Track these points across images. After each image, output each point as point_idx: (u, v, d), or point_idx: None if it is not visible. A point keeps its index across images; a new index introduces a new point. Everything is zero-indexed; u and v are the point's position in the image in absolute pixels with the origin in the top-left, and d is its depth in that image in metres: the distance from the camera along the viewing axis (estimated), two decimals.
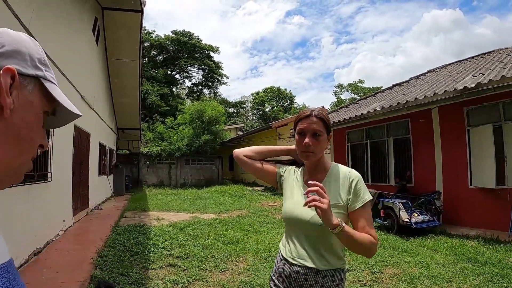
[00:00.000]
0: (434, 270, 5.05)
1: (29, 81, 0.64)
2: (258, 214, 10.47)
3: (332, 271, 1.64)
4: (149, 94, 32.28)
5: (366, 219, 1.65)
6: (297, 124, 1.75)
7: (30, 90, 0.64)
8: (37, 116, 0.66)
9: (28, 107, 0.63)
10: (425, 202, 8.38)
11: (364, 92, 43.34)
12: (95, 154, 11.28)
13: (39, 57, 0.67)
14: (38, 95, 0.66)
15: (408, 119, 9.96)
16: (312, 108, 1.76)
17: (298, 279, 1.65)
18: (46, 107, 0.68)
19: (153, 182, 22.18)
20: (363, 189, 1.66)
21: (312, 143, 1.65)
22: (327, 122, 1.70)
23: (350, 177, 1.68)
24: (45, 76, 0.67)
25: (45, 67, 0.68)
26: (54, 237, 6.44)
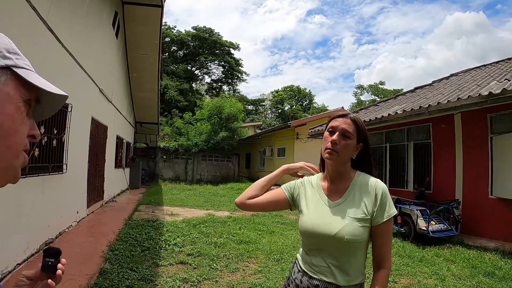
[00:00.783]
0: (450, 283, 4.84)
1: (1, 73, 0.62)
2: (273, 214, 10.33)
3: (353, 286, 1.54)
4: (168, 89, 32.50)
5: (386, 238, 1.57)
6: (330, 122, 1.66)
7: (4, 81, 0.62)
8: (16, 106, 0.64)
9: (5, 98, 0.62)
10: (443, 210, 8.10)
11: (385, 94, 42.79)
12: (112, 146, 11.35)
13: (6, 47, 0.65)
14: (13, 85, 0.64)
15: (430, 124, 9.66)
16: (350, 112, 1.70)
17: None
18: (26, 95, 0.66)
19: (169, 177, 22.31)
20: (389, 202, 1.55)
21: (340, 142, 1.56)
22: (361, 129, 1.62)
23: (376, 189, 1.57)
24: (16, 64, 0.65)
25: (15, 55, 0.66)
26: (67, 228, 6.46)
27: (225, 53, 43.08)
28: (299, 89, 53.39)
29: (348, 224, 1.50)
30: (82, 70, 6.90)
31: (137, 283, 4.17)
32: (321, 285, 1.54)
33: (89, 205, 8.21)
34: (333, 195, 1.64)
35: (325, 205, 1.62)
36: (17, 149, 0.65)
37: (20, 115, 0.65)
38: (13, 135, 0.63)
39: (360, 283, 1.57)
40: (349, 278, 1.52)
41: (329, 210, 1.59)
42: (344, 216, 1.53)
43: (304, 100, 53.75)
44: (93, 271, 4.42)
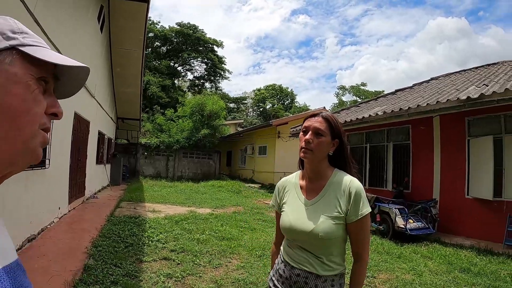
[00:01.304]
0: (427, 278, 5.05)
1: (6, 54, 0.61)
2: (254, 212, 10.45)
3: (332, 276, 1.64)
4: (150, 85, 32.21)
5: (362, 234, 1.65)
6: (304, 122, 1.75)
7: (9, 62, 0.61)
8: (25, 85, 0.62)
9: (12, 79, 0.60)
10: (421, 209, 8.38)
11: (366, 95, 43.40)
12: (94, 142, 11.25)
13: (10, 28, 0.64)
14: (21, 64, 0.62)
15: (409, 126, 9.95)
16: (322, 110, 1.77)
17: (298, 281, 1.65)
18: (36, 73, 0.64)
19: (150, 173, 22.15)
20: (363, 201, 1.62)
21: (313, 141, 1.64)
22: (334, 126, 1.68)
23: (350, 187, 1.64)
24: (22, 42, 0.63)
25: (22, 34, 0.65)
26: (49, 224, 6.42)
27: (209, 50, 42.92)
28: (281, 88, 53.57)
29: (322, 222, 1.60)
30: None
31: (121, 278, 4.20)
32: (302, 274, 1.65)
33: (70, 201, 8.14)
34: (310, 193, 1.72)
35: (302, 204, 1.72)
36: (30, 129, 0.62)
37: (30, 93, 0.62)
38: (24, 115, 0.61)
39: (340, 273, 1.68)
40: (328, 269, 1.63)
41: (305, 208, 1.69)
42: (319, 214, 1.63)
43: (286, 99, 53.98)
44: (77, 267, 4.42)
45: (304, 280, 1.63)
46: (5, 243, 0.61)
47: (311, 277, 1.62)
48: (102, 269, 4.40)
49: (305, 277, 1.63)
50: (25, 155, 0.63)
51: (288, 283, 1.69)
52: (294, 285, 1.66)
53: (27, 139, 0.62)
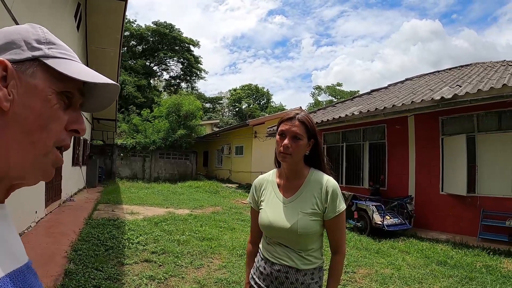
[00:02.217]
0: (405, 271, 5.24)
1: (28, 65, 0.60)
2: (233, 211, 10.51)
3: (312, 269, 1.72)
4: (126, 85, 31.65)
5: (339, 229, 1.75)
6: (280, 124, 1.78)
7: (31, 74, 0.59)
8: (45, 99, 0.60)
9: (32, 92, 0.59)
10: (397, 205, 8.63)
11: (342, 95, 43.99)
12: None
13: (37, 38, 0.63)
14: (43, 77, 0.60)
15: (385, 125, 10.22)
16: (297, 111, 1.78)
17: (279, 277, 1.71)
18: (59, 87, 0.62)
19: (127, 175, 21.83)
20: (339, 198, 1.71)
21: (291, 145, 1.68)
22: (310, 127, 1.73)
23: (327, 186, 1.71)
24: (46, 54, 0.62)
25: (48, 45, 0.63)
26: (26, 228, 6.28)
27: (185, 49, 42.53)
28: (257, 88, 53.62)
29: (300, 219, 1.66)
30: None
31: (104, 282, 4.18)
32: (282, 269, 1.71)
33: (47, 205, 7.96)
34: (288, 191, 1.78)
35: (280, 202, 1.78)
36: (44, 145, 0.61)
37: (49, 109, 0.60)
38: (38, 130, 0.59)
39: (319, 266, 1.77)
40: (308, 263, 1.71)
41: (283, 206, 1.76)
42: (297, 211, 1.69)
43: (261, 99, 54.06)
44: (58, 272, 4.37)
45: (285, 275, 1.70)
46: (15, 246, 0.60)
47: (291, 272, 1.69)
48: (83, 273, 4.36)
49: (285, 272, 1.70)
50: (36, 171, 0.62)
51: (269, 279, 1.75)
52: (275, 280, 1.72)
53: (39, 156, 0.61)
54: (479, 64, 11.87)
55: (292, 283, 1.69)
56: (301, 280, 1.68)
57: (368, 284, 4.71)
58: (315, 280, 1.72)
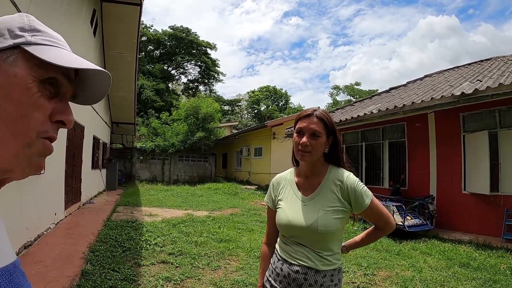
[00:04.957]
0: (426, 274, 5.05)
1: (9, 53, 0.57)
2: (251, 213, 10.44)
3: (332, 270, 1.64)
4: (144, 89, 32.11)
5: (376, 213, 1.71)
6: (297, 122, 1.72)
7: (11, 62, 0.57)
8: (25, 87, 0.57)
9: (11, 80, 0.56)
10: (418, 205, 8.41)
11: (360, 94, 43.54)
12: (89, 147, 11.19)
13: (21, 25, 0.60)
14: (23, 64, 0.57)
15: (404, 123, 9.98)
16: (315, 108, 1.72)
17: (297, 278, 1.63)
18: (42, 74, 0.59)
19: (146, 178, 22.07)
20: (363, 190, 1.65)
21: (310, 143, 1.62)
22: (328, 124, 1.66)
23: (348, 183, 1.65)
24: (28, 41, 0.59)
25: (31, 32, 0.60)
26: (45, 230, 6.36)
27: (202, 53, 42.86)
28: (275, 89, 53.58)
29: (321, 217, 1.60)
30: None
31: (120, 283, 4.17)
32: (301, 270, 1.63)
33: (66, 207, 8.08)
34: (307, 190, 1.72)
35: (299, 200, 1.71)
36: (25, 136, 0.57)
37: (30, 97, 0.57)
38: (18, 120, 0.56)
39: (339, 268, 1.69)
40: (328, 263, 1.63)
41: (302, 204, 1.69)
42: (317, 209, 1.63)
43: (280, 101, 53.99)
44: (75, 272, 4.39)
45: (304, 276, 1.62)
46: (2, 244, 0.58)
47: (310, 273, 1.61)
48: (100, 274, 4.36)
49: (304, 273, 1.62)
50: (21, 163, 0.58)
51: (286, 281, 1.67)
52: (293, 282, 1.64)
53: (22, 147, 0.57)
54: (499, 58, 11.49)
55: (311, 284, 1.61)
56: (320, 282, 1.60)
57: (389, 287, 4.56)
58: (334, 282, 1.64)
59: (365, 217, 1.72)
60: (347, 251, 1.94)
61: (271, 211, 1.89)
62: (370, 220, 1.75)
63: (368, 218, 1.73)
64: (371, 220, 1.75)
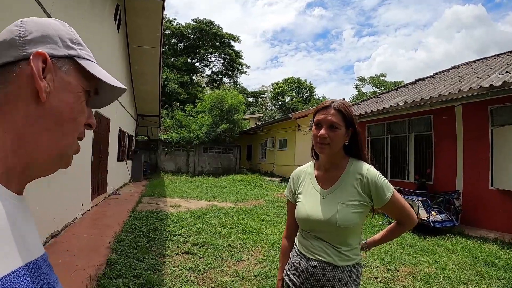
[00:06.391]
0: (450, 271, 4.89)
1: (63, 62, 0.64)
2: (275, 205, 10.40)
3: (350, 266, 1.61)
4: (169, 82, 32.44)
5: (397, 208, 1.65)
6: (315, 115, 1.68)
7: (66, 70, 0.64)
8: (76, 95, 0.65)
9: (65, 88, 0.63)
10: (444, 201, 8.14)
11: (385, 86, 42.62)
12: (115, 139, 11.38)
13: (70, 37, 0.67)
14: (75, 75, 0.65)
15: (431, 116, 9.64)
16: (333, 100, 1.68)
17: (315, 273, 1.61)
18: (86, 86, 0.68)
19: (171, 169, 22.38)
20: (383, 186, 1.59)
21: (328, 135, 1.58)
22: (347, 115, 1.61)
23: (369, 176, 1.60)
24: (79, 54, 0.67)
25: (78, 46, 0.68)
26: (72, 220, 6.52)
27: (226, 45, 42.92)
28: (300, 81, 53.15)
29: (340, 211, 1.57)
30: None
31: (144, 272, 4.22)
32: (319, 265, 1.61)
33: (93, 198, 8.27)
34: (326, 183, 1.69)
35: (318, 193, 1.68)
36: (72, 136, 0.66)
37: (79, 104, 0.66)
38: (70, 123, 0.64)
39: (358, 263, 1.65)
40: (346, 258, 1.60)
41: (322, 198, 1.66)
42: (336, 203, 1.60)
43: (304, 92, 53.55)
44: (101, 262, 4.48)
45: (321, 271, 1.60)
46: (31, 237, 0.61)
47: (328, 268, 1.59)
48: (125, 264, 4.43)
49: (322, 268, 1.60)
50: (61, 160, 0.66)
51: (304, 275, 1.65)
52: (311, 277, 1.62)
53: (67, 146, 0.66)
54: None
55: (329, 280, 1.58)
56: (338, 277, 1.58)
57: (411, 283, 4.43)
58: (352, 278, 1.61)
59: (386, 211, 1.67)
60: (368, 249, 1.89)
61: (291, 204, 1.87)
62: (391, 215, 1.71)
63: (389, 212, 1.69)
64: (393, 215, 1.71)
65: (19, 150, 0.59)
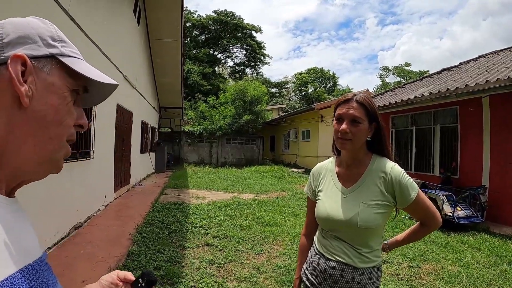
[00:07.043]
0: (473, 270, 4.68)
1: (45, 62, 0.61)
2: (298, 197, 10.32)
3: (370, 268, 1.54)
4: (191, 74, 32.59)
5: (421, 209, 1.56)
6: (336, 108, 1.60)
7: (48, 71, 0.61)
8: (61, 96, 0.62)
9: (49, 89, 0.60)
10: (469, 196, 7.83)
11: (410, 75, 41.50)
12: (137, 132, 11.52)
13: (51, 34, 0.63)
14: (58, 74, 0.62)
15: (457, 107, 9.26)
16: (355, 93, 1.59)
17: (333, 274, 1.55)
18: (72, 85, 0.64)
19: (194, 160, 22.55)
20: (408, 185, 1.51)
21: (350, 130, 1.50)
22: (370, 109, 1.53)
23: (393, 175, 1.52)
24: (62, 52, 0.63)
25: (61, 43, 0.65)
26: (95, 212, 6.64)
27: (247, 36, 42.70)
28: (323, 71, 52.47)
29: (362, 211, 1.50)
30: (106, 58, 6.96)
31: (164, 264, 4.24)
32: (338, 266, 1.55)
33: (116, 190, 8.40)
34: (348, 181, 1.62)
35: (339, 192, 1.61)
36: (59, 140, 0.63)
37: (65, 105, 0.63)
38: (56, 126, 0.61)
39: (378, 265, 1.58)
40: (367, 260, 1.53)
41: (343, 196, 1.58)
42: (358, 202, 1.52)
43: (327, 82, 52.85)
44: (122, 253, 4.53)
45: (340, 272, 1.53)
46: (27, 240, 0.60)
47: (347, 270, 1.52)
48: (145, 255, 4.47)
49: (341, 270, 1.53)
50: (49, 165, 0.64)
51: (322, 276, 1.59)
52: (329, 278, 1.56)
53: (55, 150, 0.63)
54: None
55: (348, 282, 1.52)
56: (358, 279, 1.52)
57: (433, 281, 4.27)
58: (372, 280, 1.54)
59: (410, 212, 1.60)
60: (389, 249, 1.81)
61: (311, 201, 1.80)
62: (415, 216, 1.63)
63: (413, 213, 1.60)
64: (416, 216, 1.63)
65: (2, 158, 0.57)
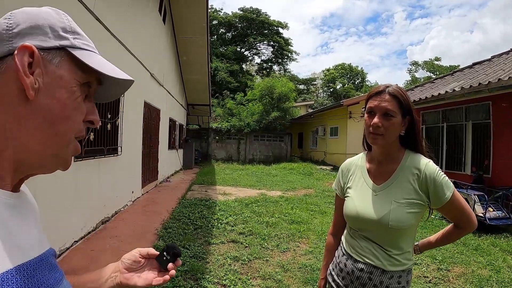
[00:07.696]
0: (505, 275, 4.41)
1: (54, 54, 0.58)
2: (325, 194, 10.15)
3: (400, 272, 1.43)
4: (218, 71, 32.73)
5: (456, 210, 1.47)
6: (368, 101, 1.51)
7: (57, 63, 0.58)
8: (70, 91, 0.59)
9: (57, 83, 0.58)
10: (502, 196, 7.43)
11: (440, 70, 40.29)
12: (165, 129, 11.65)
13: (63, 25, 0.61)
14: (68, 67, 0.60)
15: (489, 102, 8.80)
16: (387, 84, 1.50)
17: (361, 277, 1.46)
18: (83, 78, 0.62)
19: (222, 157, 22.66)
20: (443, 184, 1.41)
21: (382, 124, 1.42)
22: (403, 102, 1.43)
23: (427, 172, 1.42)
24: (72, 44, 0.61)
25: (73, 35, 0.62)
26: (122, 207, 6.74)
27: (274, 33, 42.46)
28: (351, 67, 51.70)
29: (394, 210, 1.42)
30: (133, 57, 7.04)
31: (189, 260, 4.24)
32: (366, 268, 1.46)
33: (143, 185, 8.51)
34: (379, 178, 1.54)
35: (370, 189, 1.52)
36: (66, 136, 0.60)
37: (73, 100, 0.60)
38: (62, 121, 0.59)
39: (408, 268, 1.47)
40: (397, 263, 1.43)
41: (373, 194, 1.49)
42: (390, 201, 1.44)
43: (356, 79, 52.06)
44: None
45: (368, 275, 1.44)
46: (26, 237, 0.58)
47: (376, 272, 1.43)
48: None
49: (369, 272, 1.44)
50: (56, 161, 0.62)
51: (349, 278, 1.51)
52: (356, 280, 1.48)
53: (62, 146, 0.61)
54: None
55: (375, 285, 1.45)
56: (386, 283, 1.44)
57: (462, 285, 4.04)
58: (401, 285, 1.46)
59: (444, 212, 1.51)
60: (420, 252, 1.70)
61: (339, 199, 1.73)
62: (449, 217, 1.53)
63: (448, 214, 1.51)
64: (451, 217, 1.52)
65: (7, 150, 0.55)
